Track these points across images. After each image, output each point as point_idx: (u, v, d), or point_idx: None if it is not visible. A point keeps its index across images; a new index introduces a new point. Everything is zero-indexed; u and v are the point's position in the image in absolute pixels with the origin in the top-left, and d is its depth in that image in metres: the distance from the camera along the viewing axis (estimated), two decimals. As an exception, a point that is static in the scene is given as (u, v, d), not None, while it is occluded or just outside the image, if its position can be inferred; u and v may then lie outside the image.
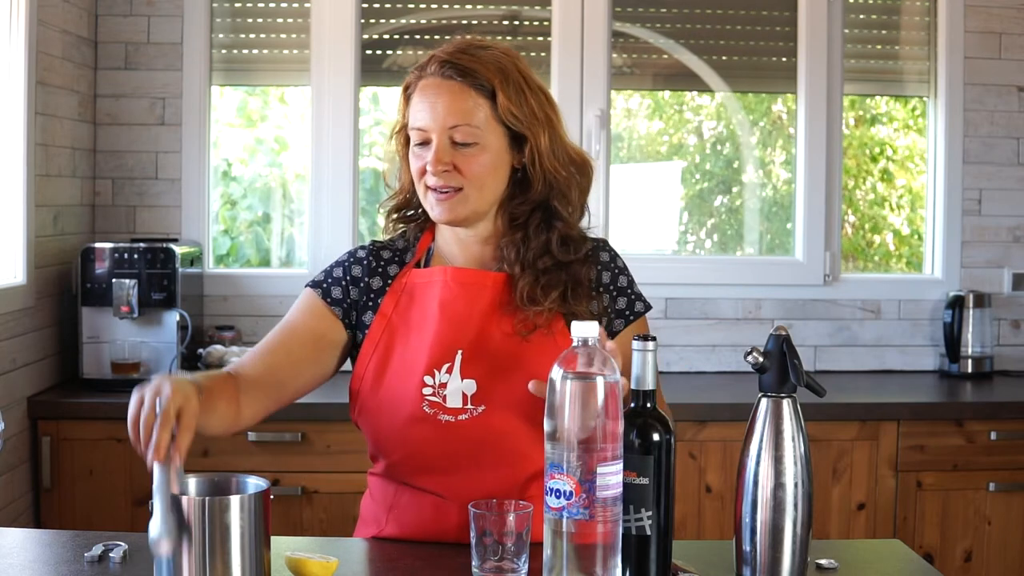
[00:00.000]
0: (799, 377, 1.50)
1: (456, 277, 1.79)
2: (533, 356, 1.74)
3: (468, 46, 1.78)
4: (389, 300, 1.81)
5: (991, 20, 3.74)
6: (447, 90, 1.74)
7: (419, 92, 1.76)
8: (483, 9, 3.71)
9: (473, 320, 1.77)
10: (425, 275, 1.82)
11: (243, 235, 3.88)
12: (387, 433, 1.77)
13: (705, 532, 3.15)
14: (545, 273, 1.77)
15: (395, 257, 1.86)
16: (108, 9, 3.56)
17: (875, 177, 3.94)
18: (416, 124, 1.76)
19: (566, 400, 1.37)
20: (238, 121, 3.86)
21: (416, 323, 1.79)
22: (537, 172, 1.78)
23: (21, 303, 3.03)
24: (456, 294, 1.78)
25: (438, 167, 1.73)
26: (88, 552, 1.63)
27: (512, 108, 1.75)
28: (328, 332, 1.81)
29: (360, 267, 1.85)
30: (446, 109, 1.73)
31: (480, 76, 1.74)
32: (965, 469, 3.20)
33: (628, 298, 1.85)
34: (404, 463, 1.78)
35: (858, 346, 3.76)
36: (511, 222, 1.81)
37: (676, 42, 3.74)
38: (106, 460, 3.03)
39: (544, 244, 1.79)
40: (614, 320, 1.83)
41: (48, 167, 3.18)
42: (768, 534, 1.50)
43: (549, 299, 1.75)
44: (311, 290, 1.84)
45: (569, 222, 1.82)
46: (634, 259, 3.76)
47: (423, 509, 1.77)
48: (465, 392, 1.73)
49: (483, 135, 1.75)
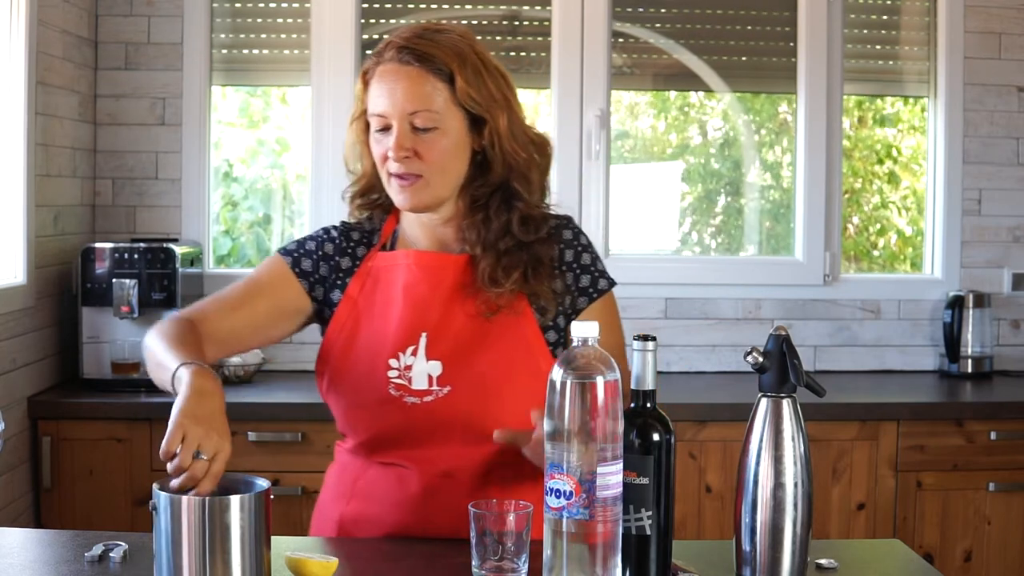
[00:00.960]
0: (799, 377, 1.50)
1: (419, 260, 1.81)
2: (497, 336, 1.77)
3: (424, 30, 1.79)
4: (355, 283, 1.84)
5: (991, 20, 3.74)
6: (405, 75, 1.75)
7: (377, 78, 1.77)
8: (483, 9, 3.71)
9: (437, 302, 1.78)
10: (389, 259, 1.84)
11: (244, 236, 3.88)
12: (354, 413, 1.81)
13: (705, 532, 3.15)
14: (506, 254, 1.78)
15: (363, 239, 1.89)
16: (108, 9, 3.56)
17: (882, 180, 3.94)
18: (376, 110, 1.77)
19: (566, 400, 1.37)
20: (240, 122, 3.86)
21: (380, 306, 1.81)
22: (497, 154, 1.80)
23: (21, 303, 3.03)
24: (419, 277, 1.80)
25: (399, 153, 1.74)
26: (88, 552, 1.63)
27: (471, 91, 1.76)
28: (293, 301, 1.84)
29: (332, 245, 1.87)
30: (405, 95, 1.74)
31: (438, 60, 1.75)
32: (965, 469, 3.20)
33: (592, 275, 1.85)
34: (371, 442, 1.81)
35: (858, 346, 3.76)
36: (472, 204, 1.83)
37: (676, 42, 3.74)
38: (106, 460, 3.03)
39: (505, 224, 1.80)
40: (577, 298, 1.83)
41: (48, 167, 3.18)
42: (768, 534, 1.50)
43: (510, 280, 1.77)
44: (281, 256, 1.86)
45: (529, 202, 1.83)
46: (634, 259, 3.82)
47: (388, 479, 1.80)
48: (430, 374, 1.75)
49: (443, 119, 1.76)
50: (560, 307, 1.82)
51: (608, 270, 1.92)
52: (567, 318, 1.83)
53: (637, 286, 3.67)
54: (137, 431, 3.02)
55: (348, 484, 1.85)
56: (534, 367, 1.76)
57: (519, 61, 3.72)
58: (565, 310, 1.82)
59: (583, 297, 1.84)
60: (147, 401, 3.07)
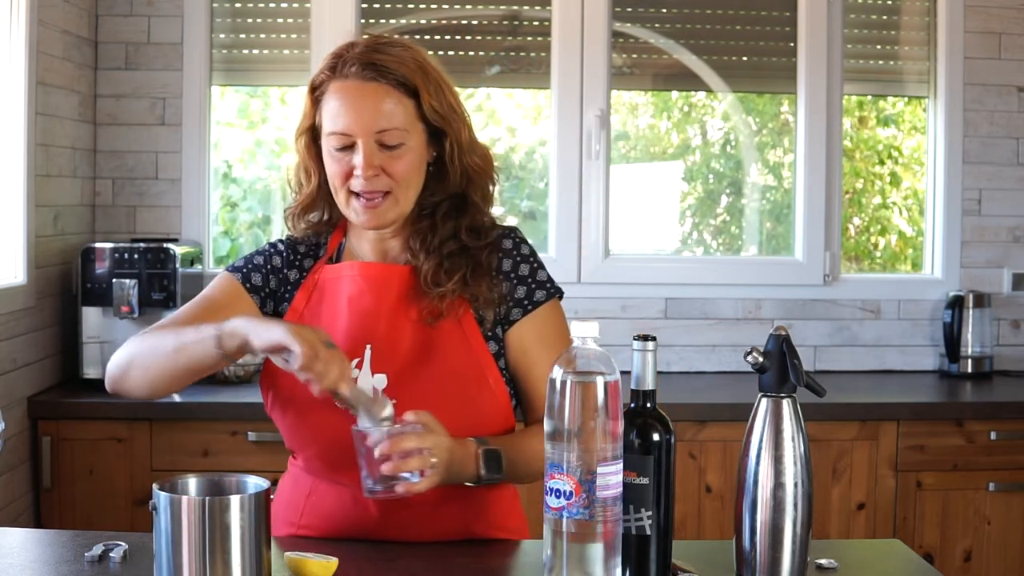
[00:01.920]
0: (799, 377, 1.50)
1: (363, 272, 1.79)
2: (441, 347, 1.75)
3: (379, 44, 1.75)
4: (301, 296, 1.82)
5: (991, 20, 3.74)
6: (371, 92, 1.72)
7: (338, 93, 1.73)
8: (483, 9, 3.71)
9: (382, 314, 1.77)
10: (335, 271, 1.82)
11: (243, 237, 3.88)
12: (300, 429, 1.77)
13: (705, 532, 3.15)
14: (449, 257, 1.78)
15: (310, 251, 1.86)
16: (108, 9, 3.56)
17: (883, 180, 3.94)
18: (337, 128, 1.72)
19: (566, 400, 1.37)
20: (239, 123, 3.86)
21: (327, 319, 1.79)
22: (456, 165, 1.79)
23: (21, 303, 3.03)
24: (363, 288, 1.78)
25: (369, 172, 1.71)
26: (88, 552, 1.63)
27: (435, 105, 1.75)
28: None
29: (280, 258, 1.85)
30: (373, 113, 1.71)
31: (403, 75, 1.72)
32: (965, 469, 3.20)
33: (528, 287, 1.82)
34: (319, 458, 1.78)
35: (858, 346, 3.76)
36: (419, 213, 1.82)
37: (676, 42, 3.74)
38: (106, 460, 3.03)
39: (452, 230, 1.79)
40: (512, 309, 1.81)
41: (48, 167, 3.18)
42: (768, 534, 1.50)
43: (452, 280, 1.75)
44: (230, 274, 1.83)
45: (483, 210, 1.83)
46: (634, 259, 3.82)
47: (343, 501, 1.76)
48: (376, 387, 1.72)
49: (408, 135, 1.74)
50: (497, 316, 1.80)
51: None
52: (503, 329, 1.80)
53: (637, 286, 3.67)
54: (137, 431, 3.02)
55: (301, 497, 1.81)
56: (480, 377, 1.75)
57: (519, 61, 3.72)
58: (500, 320, 1.80)
59: (517, 308, 1.81)
60: (147, 401, 3.07)
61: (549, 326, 1.81)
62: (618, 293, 3.66)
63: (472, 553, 1.68)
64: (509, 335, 1.80)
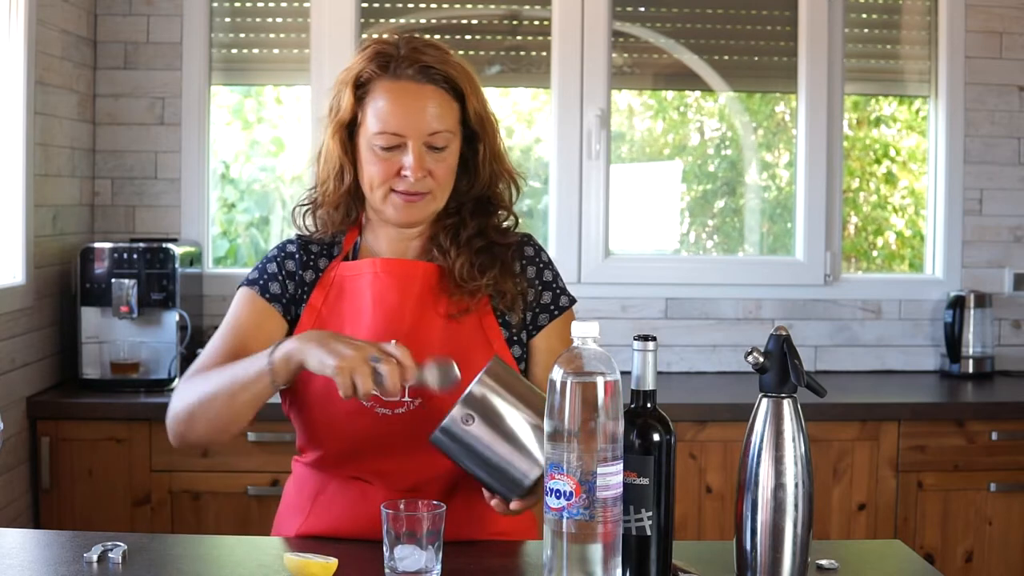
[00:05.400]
0: (799, 377, 1.50)
1: (386, 268, 1.79)
2: (466, 344, 1.75)
3: (424, 45, 1.76)
4: (318, 294, 1.81)
5: (992, 20, 3.73)
6: (429, 95, 1.73)
7: (390, 94, 1.73)
8: (483, 9, 3.71)
9: (407, 310, 1.77)
10: (354, 268, 1.81)
11: (241, 237, 3.87)
12: (321, 427, 1.77)
13: (705, 532, 3.14)
14: (479, 253, 1.79)
15: (323, 251, 1.85)
16: (108, 9, 3.55)
17: (879, 179, 3.93)
18: (389, 128, 1.72)
19: (566, 400, 1.37)
20: (236, 123, 3.85)
21: (349, 316, 1.78)
22: (485, 169, 1.81)
23: (21, 303, 3.02)
24: (388, 284, 1.78)
25: (419, 173, 1.72)
26: (87, 553, 1.62)
27: (477, 109, 1.77)
28: (277, 328, 1.80)
29: (292, 261, 1.84)
30: (431, 115, 1.72)
31: (455, 80, 1.74)
32: (966, 469, 3.19)
33: (553, 292, 1.85)
34: (337, 455, 1.78)
35: (858, 346, 3.76)
36: (444, 213, 1.83)
37: (676, 42, 3.74)
38: (105, 460, 3.03)
39: (478, 228, 1.81)
40: (539, 315, 1.83)
41: (47, 167, 3.18)
42: (768, 534, 1.49)
43: (485, 276, 1.77)
44: (248, 289, 1.82)
45: (508, 209, 1.86)
46: (634, 259, 3.82)
47: (349, 494, 1.77)
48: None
49: (453, 138, 1.76)
50: (524, 321, 1.81)
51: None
52: (529, 334, 1.82)
53: (637, 286, 3.67)
54: (136, 431, 3.02)
55: (307, 498, 1.82)
56: None
57: (519, 61, 3.71)
58: (527, 325, 1.82)
59: (544, 314, 1.83)
60: (146, 401, 3.07)
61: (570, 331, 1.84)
62: (618, 293, 3.66)
63: (472, 553, 1.68)
64: (536, 340, 1.83)
